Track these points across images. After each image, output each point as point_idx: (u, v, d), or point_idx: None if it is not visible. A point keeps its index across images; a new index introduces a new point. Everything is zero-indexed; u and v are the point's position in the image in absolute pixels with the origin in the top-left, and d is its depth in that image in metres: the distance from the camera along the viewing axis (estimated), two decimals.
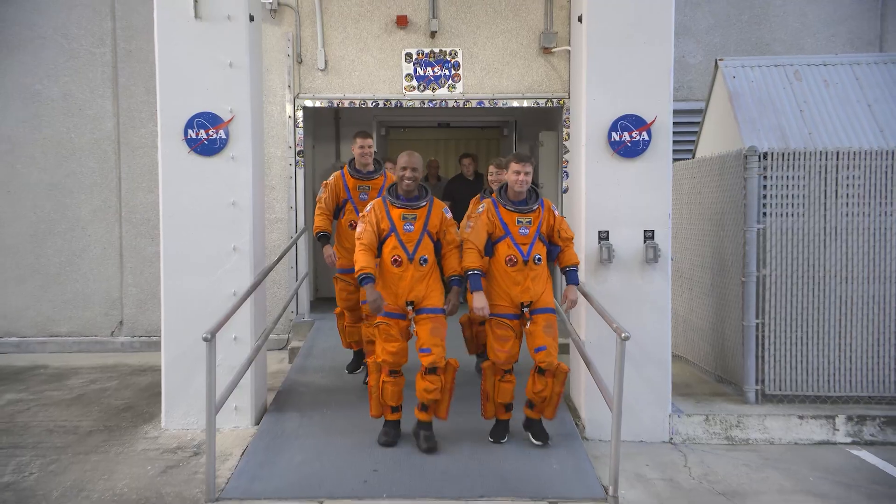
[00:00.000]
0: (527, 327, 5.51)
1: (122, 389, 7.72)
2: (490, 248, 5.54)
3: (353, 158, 6.80)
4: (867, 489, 5.36)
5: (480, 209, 5.61)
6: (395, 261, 5.41)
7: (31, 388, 7.81)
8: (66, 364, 8.90)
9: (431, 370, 5.31)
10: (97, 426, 6.53)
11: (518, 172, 5.39)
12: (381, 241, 5.45)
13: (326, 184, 6.76)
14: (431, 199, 5.59)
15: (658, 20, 6.24)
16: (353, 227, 6.50)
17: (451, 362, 5.47)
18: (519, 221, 5.47)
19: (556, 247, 5.62)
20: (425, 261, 5.47)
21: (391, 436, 5.59)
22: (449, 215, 5.63)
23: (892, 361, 6.65)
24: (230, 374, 5.68)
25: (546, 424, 5.82)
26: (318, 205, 6.79)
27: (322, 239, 6.73)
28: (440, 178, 11.33)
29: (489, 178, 6.71)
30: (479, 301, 5.38)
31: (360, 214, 5.64)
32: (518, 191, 5.48)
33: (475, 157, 10.22)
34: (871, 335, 6.66)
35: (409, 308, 5.45)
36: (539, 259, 5.51)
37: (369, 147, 6.74)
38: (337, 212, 6.79)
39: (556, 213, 5.66)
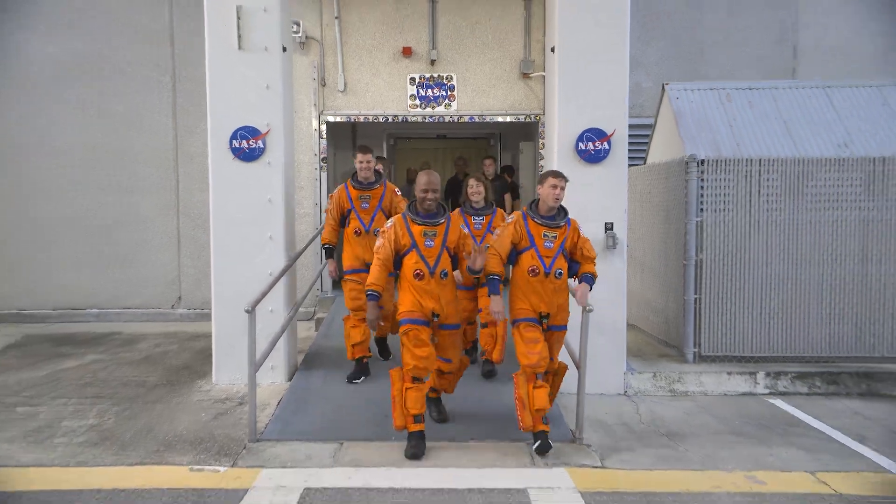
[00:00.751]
0: None
1: (180, 352, 7.75)
2: (514, 257, 4.85)
3: (356, 171, 6.20)
4: (779, 429, 5.42)
5: (510, 219, 4.94)
6: (417, 274, 4.71)
7: (109, 350, 7.83)
8: (136, 331, 8.92)
9: (448, 372, 4.97)
10: (161, 381, 6.56)
11: (555, 187, 4.72)
12: (402, 256, 4.79)
13: (332, 196, 6.28)
14: (448, 216, 4.87)
15: (616, 52, 6.25)
16: (357, 233, 6.16)
17: (463, 360, 5.10)
18: (545, 235, 4.76)
19: (576, 264, 4.89)
20: (445, 274, 4.77)
21: (419, 448, 4.67)
22: (466, 231, 5.02)
23: (802, 328, 6.70)
24: (267, 340, 5.70)
25: None
26: (326, 216, 6.35)
27: (326, 252, 6.30)
28: None
29: (468, 190, 6.11)
30: (496, 304, 4.76)
31: (381, 230, 4.92)
32: (551, 205, 4.79)
33: (495, 159, 10.17)
34: (785, 307, 6.70)
35: (435, 319, 4.75)
36: (560, 273, 4.78)
37: (368, 162, 6.11)
38: (343, 220, 6.22)
39: (582, 232, 4.91)
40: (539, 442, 4.68)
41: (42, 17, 9.46)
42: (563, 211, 4.89)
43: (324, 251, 6.32)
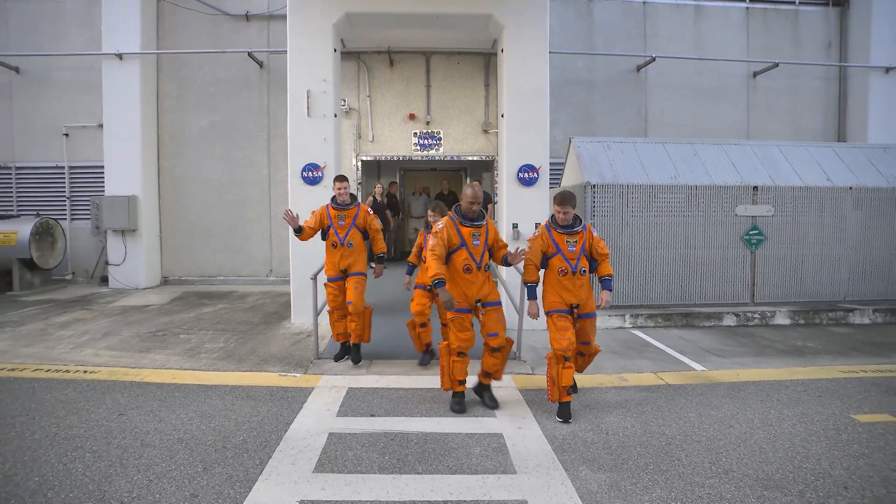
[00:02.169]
0: (576, 327, 3.87)
1: (272, 304, 7.75)
2: (545, 262, 3.87)
3: (335, 195, 4.87)
4: (637, 349, 5.52)
5: (536, 232, 3.93)
6: (467, 268, 3.75)
7: (230, 302, 7.83)
8: (246, 291, 8.91)
9: (497, 349, 3.79)
10: (261, 321, 6.58)
11: (559, 212, 3.79)
12: (451, 252, 3.78)
13: (314, 212, 4.90)
14: (485, 220, 3.90)
15: (541, 119, 6.29)
16: (334, 245, 4.76)
17: (509, 340, 3.88)
18: (567, 241, 3.80)
19: (594, 261, 3.91)
20: (488, 267, 3.89)
21: (461, 404, 3.83)
22: (496, 230, 3.98)
23: (651, 287, 6.77)
24: (324, 296, 5.67)
25: None
26: (305, 224, 4.83)
27: (295, 231, 4.75)
28: (429, 194, 11.41)
29: (429, 219, 4.72)
30: (532, 308, 3.83)
31: (433, 231, 3.85)
32: (563, 225, 3.83)
33: (480, 181, 9.95)
34: (642, 275, 6.77)
35: (478, 305, 3.82)
36: (584, 270, 3.82)
37: (345, 189, 4.80)
38: (323, 235, 4.86)
39: (595, 234, 3.93)
40: (562, 410, 3.73)
41: (198, 105, 9.53)
42: (578, 219, 3.90)
43: (293, 231, 4.80)
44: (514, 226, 6.27)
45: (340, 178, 4.86)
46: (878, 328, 6.43)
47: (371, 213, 4.96)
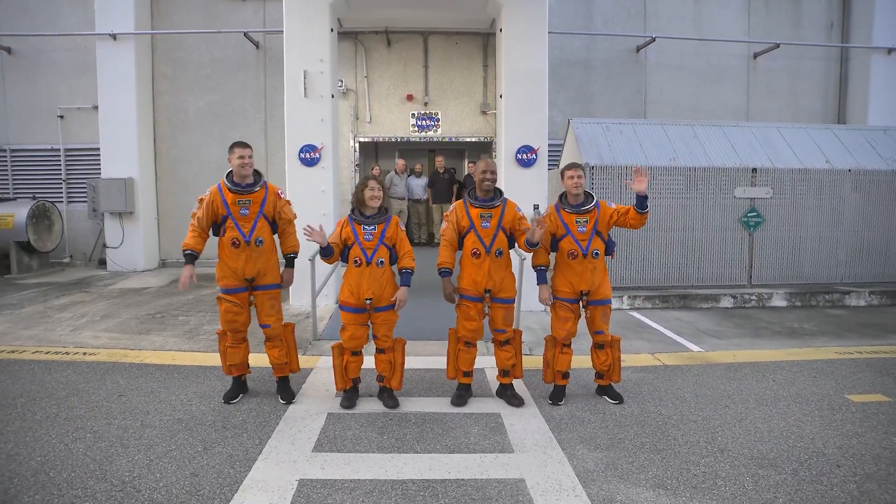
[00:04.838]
0: (587, 315, 3.61)
1: None
2: (555, 244, 3.55)
3: (231, 171, 3.50)
4: (634, 329, 5.53)
5: (534, 214, 3.70)
6: (475, 253, 3.43)
7: None
8: None
9: (506, 342, 3.57)
10: None
11: (571, 177, 3.47)
12: (463, 236, 3.49)
13: (202, 199, 3.50)
14: (505, 200, 3.50)
15: (539, 100, 6.20)
16: (235, 245, 3.43)
17: (518, 331, 3.67)
18: (577, 221, 3.47)
19: (613, 243, 3.59)
20: (500, 253, 3.45)
21: (463, 398, 3.60)
22: (521, 213, 3.54)
23: (649, 269, 6.76)
24: (323, 278, 5.71)
25: None
26: (191, 221, 3.49)
27: (187, 258, 3.43)
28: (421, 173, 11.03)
29: (368, 193, 3.78)
30: (543, 293, 3.55)
31: (444, 214, 3.59)
32: (575, 193, 3.50)
33: (475, 163, 9.74)
34: (639, 257, 6.75)
35: (487, 295, 3.49)
36: (597, 253, 3.48)
37: (249, 157, 3.46)
38: (217, 229, 3.51)
39: (612, 205, 3.55)
40: (555, 393, 3.68)
41: (194, 86, 9.35)
42: (589, 196, 3.56)
43: (184, 257, 3.46)
44: None
45: (242, 145, 3.43)
46: (873, 310, 6.45)
47: (283, 196, 3.70)
